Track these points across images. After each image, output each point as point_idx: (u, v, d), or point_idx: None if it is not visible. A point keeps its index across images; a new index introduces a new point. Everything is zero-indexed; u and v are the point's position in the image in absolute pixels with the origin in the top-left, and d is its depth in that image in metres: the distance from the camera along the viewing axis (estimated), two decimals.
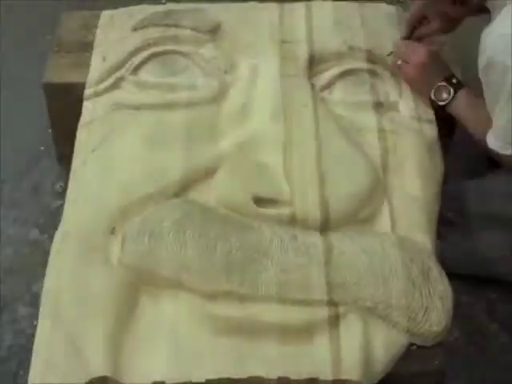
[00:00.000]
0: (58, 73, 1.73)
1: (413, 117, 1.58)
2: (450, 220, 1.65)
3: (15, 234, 1.85)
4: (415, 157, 1.50)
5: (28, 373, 1.19)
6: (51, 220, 1.82)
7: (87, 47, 1.73)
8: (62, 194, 1.89)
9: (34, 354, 1.21)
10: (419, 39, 1.70)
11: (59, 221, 1.40)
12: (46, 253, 1.35)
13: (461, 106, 1.60)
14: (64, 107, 1.71)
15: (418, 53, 1.62)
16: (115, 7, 1.81)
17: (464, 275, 1.61)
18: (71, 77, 1.70)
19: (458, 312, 1.30)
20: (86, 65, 1.69)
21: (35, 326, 1.26)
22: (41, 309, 1.27)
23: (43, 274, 1.31)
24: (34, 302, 1.68)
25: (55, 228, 1.40)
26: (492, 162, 1.67)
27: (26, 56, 2.26)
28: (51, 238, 1.38)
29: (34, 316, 1.57)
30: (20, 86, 2.16)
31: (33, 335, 1.25)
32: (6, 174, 1.97)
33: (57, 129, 1.81)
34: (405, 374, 1.29)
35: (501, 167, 1.63)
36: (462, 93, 1.60)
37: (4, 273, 1.76)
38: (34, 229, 1.86)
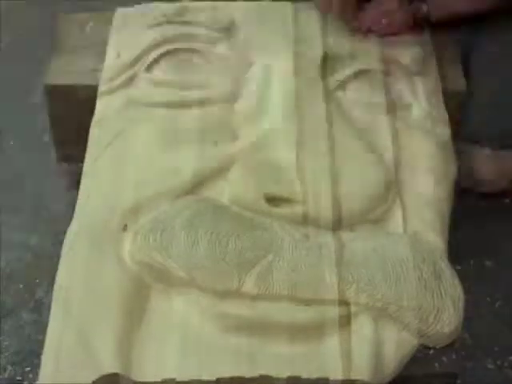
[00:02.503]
0: (59, 74, 1.71)
1: (426, 117, 1.57)
2: None
3: (17, 240, 1.85)
4: (428, 157, 1.50)
5: (35, 377, 1.20)
6: (52, 225, 1.83)
7: (86, 48, 1.74)
8: (62, 199, 1.91)
9: (44, 351, 1.21)
10: None
11: (60, 226, 1.39)
12: (48, 258, 1.35)
13: None
14: (65, 109, 1.72)
15: None
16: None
17: None
18: (72, 78, 1.70)
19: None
20: (85, 66, 1.69)
21: (40, 332, 1.26)
22: (52, 306, 1.27)
23: (46, 280, 1.31)
24: (38, 308, 1.69)
25: (56, 233, 1.40)
26: None
27: (26, 56, 2.27)
28: (53, 243, 1.38)
29: (39, 322, 1.59)
30: (20, 87, 2.18)
31: (38, 341, 1.25)
32: (5, 178, 1.97)
33: (57, 131, 1.79)
34: (416, 376, 1.29)
35: None
36: None
37: (6, 279, 1.76)
38: (35, 234, 1.85)
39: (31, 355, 1.58)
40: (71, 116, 1.67)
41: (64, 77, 1.71)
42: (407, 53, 1.63)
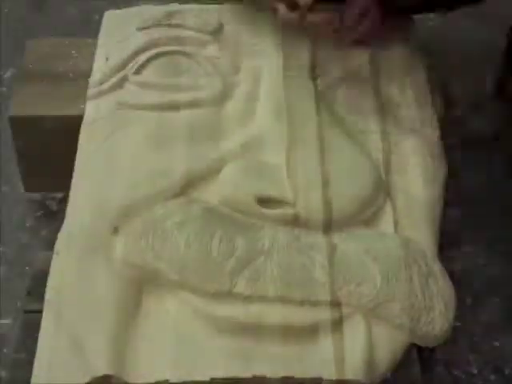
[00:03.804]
0: (25, 105, 1.68)
1: (415, 118, 1.58)
2: None
3: None
4: (418, 158, 1.50)
5: None
6: (21, 255, 1.81)
7: (56, 77, 1.72)
8: (27, 229, 1.89)
9: (37, 354, 1.21)
10: None
11: (26, 258, 1.39)
12: (15, 288, 1.35)
13: None
14: (31, 140, 1.70)
15: None
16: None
17: None
18: (39, 110, 1.67)
19: None
20: (53, 96, 1.67)
21: None
22: (44, 309, 1.27)
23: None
24: None
25: (26, 264, 1.38)
26: None
27: None
28: (20, 275, 1.37)
29: None
30: None
31: None
32: None
33: (23, 161, 1.76)
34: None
35: None
36: None
37: None
38: (4, 265, 1.82)
39: None
40: (39, 148, 1.68)
41: (31, 108, 1.68)
42: (395, 53, 1.64)
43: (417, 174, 1.47)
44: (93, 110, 1.55)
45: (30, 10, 2.43)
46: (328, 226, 1.36)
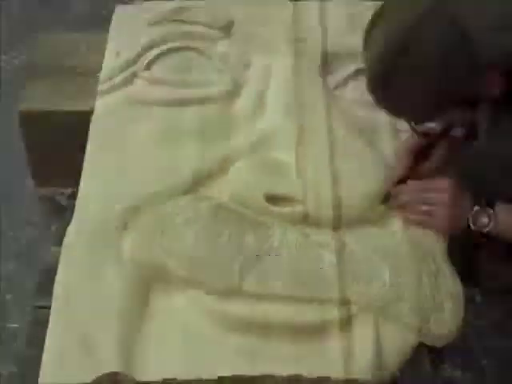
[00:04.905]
0: (35, 100, 1.70)
1: None
2: None
3: None
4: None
5: None
6: (28, 252, 1.82)
7: (65, 73, 1.72)
8: (36, 224, 1.90)
9: (45, 352, 1.21)
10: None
11: (36, 253, 1.38)
12: (25, 284, 1.35)
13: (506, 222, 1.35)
14: (41, 135, 1.70)
15: (440, 189, 1.37)
16: None
17: None
18: (48, 104, 1.68)
19: None
20: (63, 91, 1.68)
21: None
22: (52, 306, 1.26)
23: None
24: None
25: (32, 260, 1.40)
26: None
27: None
28: (30, 271, 1.37)
29: None
30: None
31: None
32: None
33: (34, 156, 1.78)
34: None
35: None
36: (499, 209, 1.35)
37: None
38: (11, 261, 1.82)
39: None
40: (48, 142, 1.69)
41: (40, 103, 1.69)
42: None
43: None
44: (102, 106, 1.55)
45: (39, 6, 2.43)
46: (337, 224, 1.35)
